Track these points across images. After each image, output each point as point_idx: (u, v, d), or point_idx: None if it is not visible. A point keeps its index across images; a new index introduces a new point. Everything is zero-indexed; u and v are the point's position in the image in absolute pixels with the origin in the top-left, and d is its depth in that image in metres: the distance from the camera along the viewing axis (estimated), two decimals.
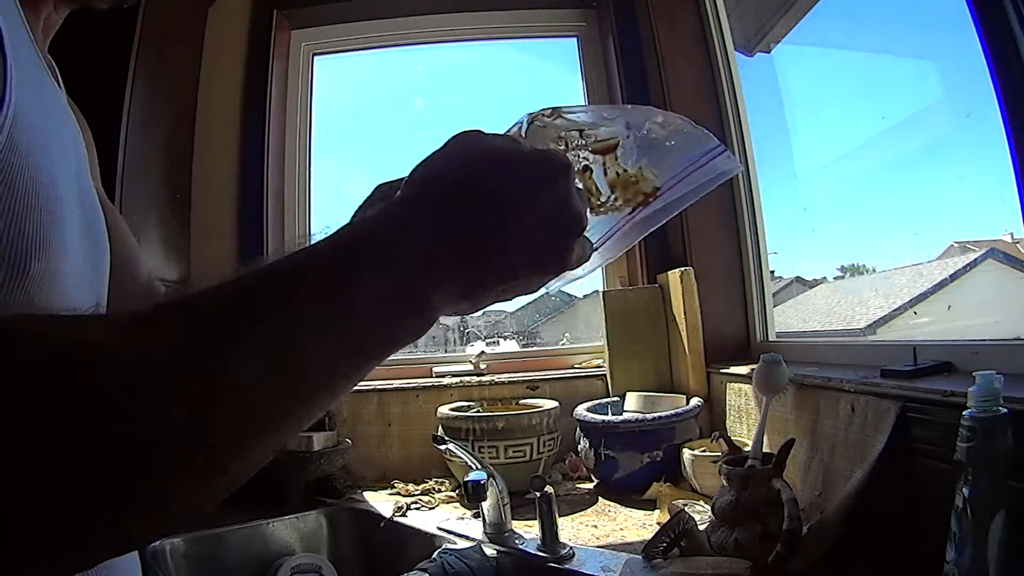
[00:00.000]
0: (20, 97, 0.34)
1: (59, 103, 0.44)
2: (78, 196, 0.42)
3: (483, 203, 0.32)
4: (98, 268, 0.46)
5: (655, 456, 1.12)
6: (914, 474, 0.69)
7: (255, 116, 1.60)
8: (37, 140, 0.36)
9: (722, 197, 1.42)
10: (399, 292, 0.30)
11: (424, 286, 0.31)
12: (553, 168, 0.34)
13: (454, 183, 0.33)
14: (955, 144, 1.01)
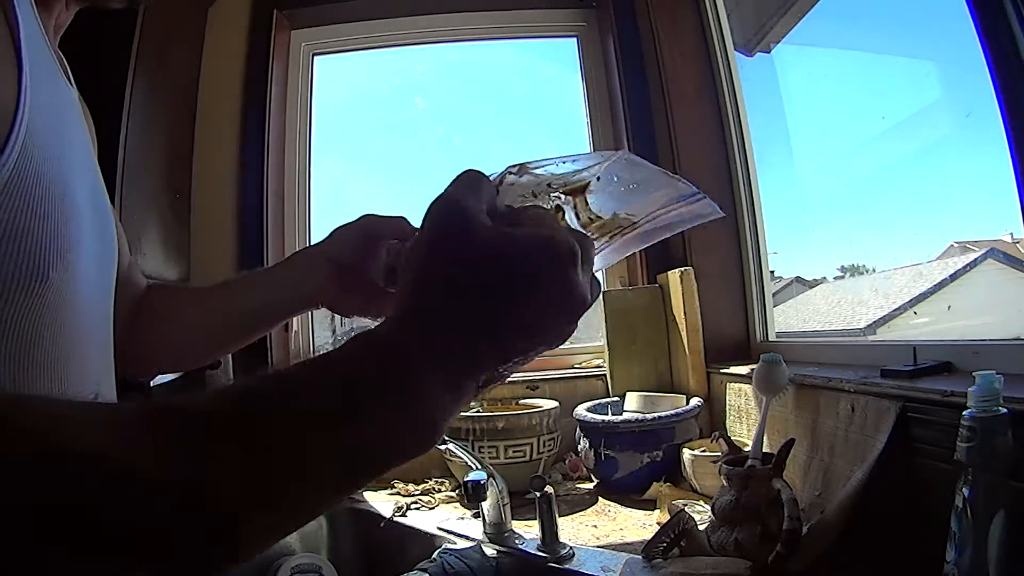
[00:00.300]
0: (35, 102, 0.34)
1: (72, 101, 0.44)
2: (91, 196, 0.43)
3: (486, 310, 0.31)
4: (107, 265, 0.47)
5: (655, 456, 1.12)
6: (914, 474, 0.69)
7: (255, 116, 1.60)
8: (52, 145, 0.36)
9: (722, 197, 1.42)
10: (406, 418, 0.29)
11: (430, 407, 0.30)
12: (556, 260, 0.31)
13: (451, 292, 0.31)
14: (955, 144, 1.01)
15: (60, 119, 0.38)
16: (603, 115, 1.65)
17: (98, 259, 0.44)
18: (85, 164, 0.43)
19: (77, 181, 0.39)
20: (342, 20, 1.70)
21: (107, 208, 0.48)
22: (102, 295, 0.45)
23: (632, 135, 1.52)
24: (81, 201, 0.40)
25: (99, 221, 0.44)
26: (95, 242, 0.43)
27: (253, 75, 1.61)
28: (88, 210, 0.41)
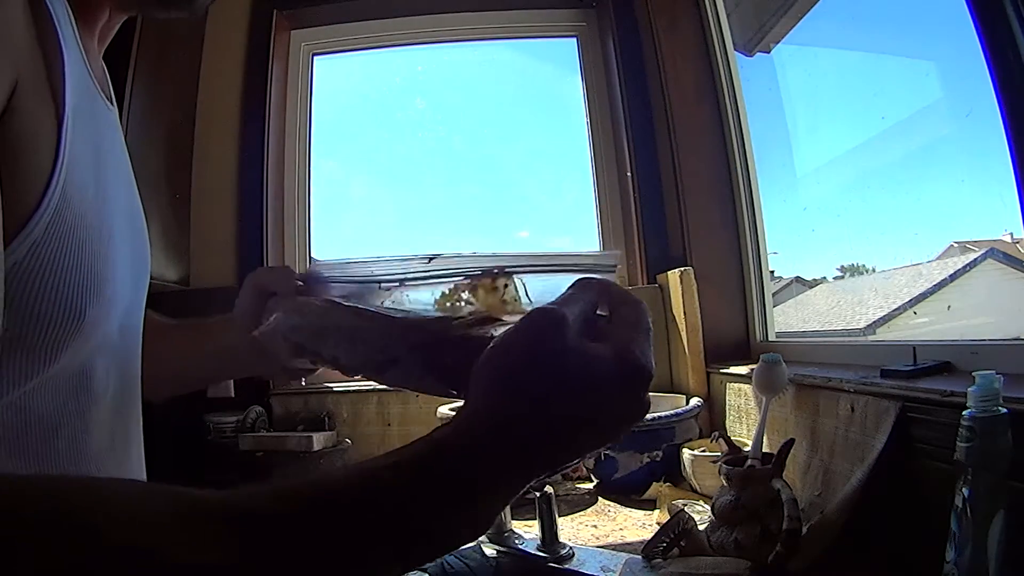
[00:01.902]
0: (74, 144, 0.35)
1: (111, 123, 0.45)
2: (128, 217, 0.44)
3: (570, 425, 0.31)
4: (140, 282, 0.48)
5: (655, 456, 1.12)
6: (914, 474, 0.69)
7: (255, 116, 1.60)
8: (88, 182, 0.37)
9: (722, 197, 1.42)
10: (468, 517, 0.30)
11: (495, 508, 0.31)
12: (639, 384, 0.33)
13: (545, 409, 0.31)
14: (955, 144, 1.01)
15: (98, 150, 0.39)
16: (603, 115, 1.65)
17: (132, 281, 0.45)
18: (124, 187, 0.44)
19: (115, 210, 0.40)
20: (342, 20, 1.71)
21: (142, 221, 0.49)
22: (135, 316, 0.47)
23: (632, 135, 1.52)
24: (118, 231, 0.41)
25: (135, 240, 0.46)
26: (131, 267, 0.44)
27: (253, 75, 1.62)
28: (125, 236, 0.42)
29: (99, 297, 0.37)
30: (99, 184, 0.38)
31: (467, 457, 0.30)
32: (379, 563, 0.28)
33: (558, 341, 0.31)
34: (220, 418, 1.38)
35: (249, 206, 1.57)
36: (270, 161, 1.60)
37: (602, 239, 1.60)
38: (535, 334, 0.32)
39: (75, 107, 0.36)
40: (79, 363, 0.38)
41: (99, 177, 0.39)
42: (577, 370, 0.31)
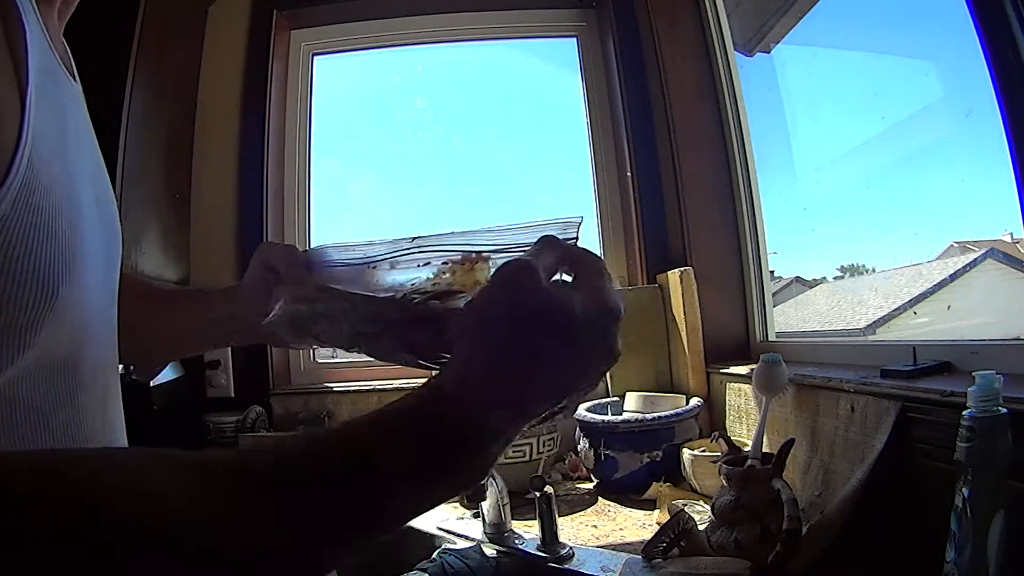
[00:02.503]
0: (38, 119, 0.34)
1: (74, 98, 0.44)
2: (95, 197, 0.43)
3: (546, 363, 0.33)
4: (112, 266, 0.47)
5: (655, 456, 1.12)
6: (914, 474, 0.69)
7: (255, 116, 1.60)
8: (56, 158, 0.36)
9: (722, 197, 1.42)
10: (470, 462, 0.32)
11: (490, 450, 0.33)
12: (608, 320, 0.35)
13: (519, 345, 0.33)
14: (955, 144, 1.00)
15: (62, 127, 0.38)
16: (603, 115, 1.65)
17: (105, 262, 0.44)
18: (90, 165, 0.43)
19: (82, 188, 0.40)
20: (342, 20, 1.71)
21: (111, 203, 0.47)
22: (108, 298, 0.46)
23: (632, 135, 1.52)
24: (87, 208, 0.40)
25: (105, 221, 0.45)
26: (101, 247, 0.43)
27: (253, 75, 1.62)
28: (93, 215, 0.41)
29: (71, 275, 0.36)
30: (65, 160, 0.38)
31: (462, 399, 0.32)
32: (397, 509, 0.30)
33: (533, 284, 0.33)
34: (220, 418, 1.38)
35: (249, 206, 1.57)
36: (270, 161, 1.60)
37: (602, 239, 1.60)
38: (510, 282, 0.34)
39: (38, 80, 0.35)
40: (63, 348, 0.37)
41: (65, 153, 0.38)
42: (553, 310, 0.33)
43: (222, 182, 1.59)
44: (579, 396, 0.36)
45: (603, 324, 0.35)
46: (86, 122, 0.45)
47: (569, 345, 0.33)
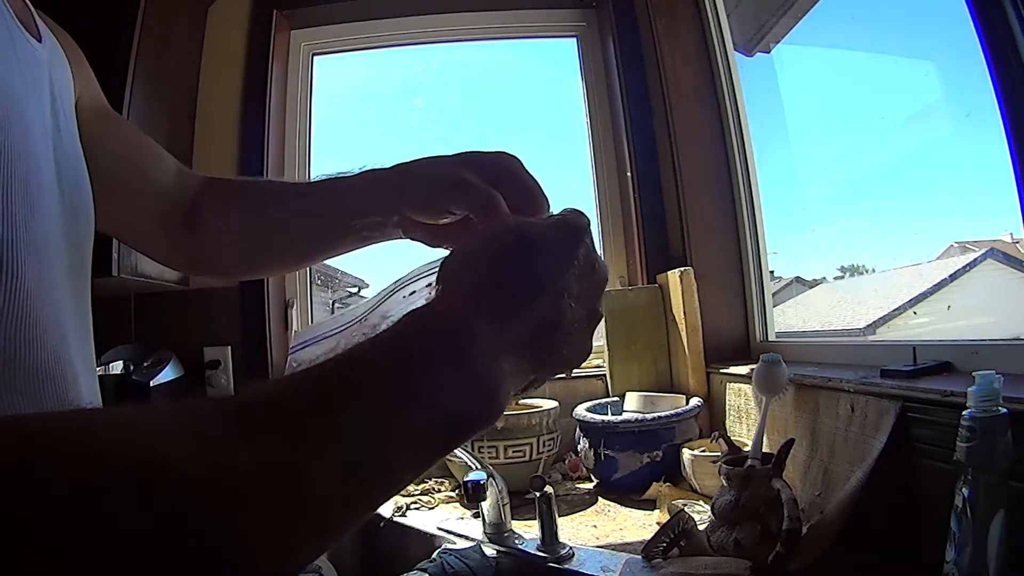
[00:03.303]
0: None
1: (34, 60, 0.40)
2: (54, 167, 0.40)
3: (528, 278, 0.33)
4: (81, 239, 0.43)
5: (655, 456, 1.12)
6: (914, 474, 0.69)
7: (255, 116, 1.60)
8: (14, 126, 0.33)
9: (722, 197, 1.42)
10: (471, 382, 0.30)
11: (494, 372, 0.31)
12: (571, 228, 0.36)
13: (495, 264, 0.34)
14: (955, 144, 1.01)
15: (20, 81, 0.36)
16: (603, 115, 1.65)
17: (67, 237, 0.40)
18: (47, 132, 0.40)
19: (42, 159, 0.37)
20: (342, 20, 1.71)
21: (81, 180, 0.43)
22: (76, 272, 0.42)
23: (632, 135, 1.52)
24: (47, 179, 0.37)
25: (69, 194, 0.41)
26: (63, 222, 0.40)
27: (253, 75, 1.62)
28: (51, 186, 0.38)
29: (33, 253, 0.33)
30: (20, 125, 0.35)
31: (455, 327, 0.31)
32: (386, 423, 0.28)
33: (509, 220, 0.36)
34: None
35: None
36: (270, 161, 1.60)
37: (602, 239, 1.60)
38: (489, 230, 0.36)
39: None
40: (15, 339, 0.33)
41: (18, 116, 0.35)
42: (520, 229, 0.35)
43: None
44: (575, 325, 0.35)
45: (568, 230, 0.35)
46: (52, 86, 0.41)
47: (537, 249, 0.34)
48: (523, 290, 0.33)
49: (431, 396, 0.29)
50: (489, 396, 0.31)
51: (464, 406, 0.30)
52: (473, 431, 0.31)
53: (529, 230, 0.35)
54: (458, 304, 0.32)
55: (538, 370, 0.35)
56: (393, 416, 0.27)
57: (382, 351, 0.29)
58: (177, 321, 1.51)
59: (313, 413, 0.25)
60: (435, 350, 0.30)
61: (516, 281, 0.33)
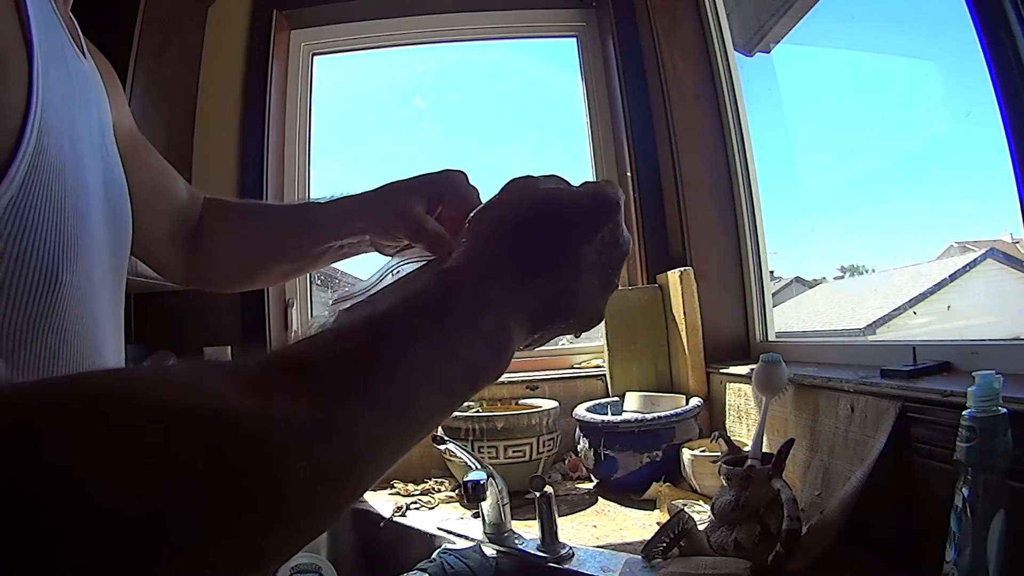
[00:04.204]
0: (47, 93, 0.33)
1: (84, 74, 0.42)
2: (103, 179, 0.41)
3: (546, 245, 0.35)
4: (120, 250, 0.45)
5: (655, 456, 1.12)
6: (914, 474, 0.69)
7: (255, 116, 1.60)
8: (64, 134, 0.34)
9: (722, 197, 1.42)
10: (485, 335, 0.32)
11: (505, 327, 0.33)
12: (602, 205, 0.37)
13: (516, 227, 0.35)
14: (955, 144, 1.01)
15: (70, 98, 0.37)
16: (603, 115, 1.65)
17: (110, 249, 0.42)
18: (99, 146, 0.41)
19: (88, 168, 0.38)
20: (342, 20, 1.71)
21: (121, 189, 0.45)
22: (115, 283, 0.44)
23: (632, 135, 1.52)
24: (94, 190, 0.38)
25: (112, 207, 0.43)
26: (107, 233, 0.41)
27: (253, 75, 1.62)
28: (100, 200, 0.40)
29: (76, 261, 0.34)
30: (74, 140, 0.36)
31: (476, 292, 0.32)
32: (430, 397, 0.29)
33: (529, 183, 0.37)
34: None
35: None
36: (270, 161, 1.60)
37: None
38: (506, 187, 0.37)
39: (43, 46, 0.33)
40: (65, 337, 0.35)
41: (74, 132, 0.36)
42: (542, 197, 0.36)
43: (222, 182, 1.59)
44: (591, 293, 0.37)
45: (598, 207, 0.36)
46: (97, 101, 0.43)
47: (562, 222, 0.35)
48: (541, 257, 0.34)
49: (453, 355, 0.30)
50: (500, 355, 0.33)
51: (481, 364, 0.32)
52: (484, 385, 0.33)
53: (558, 197, 0.36)
54: (480, 266, 0.34)
55: (546, 330, 0.37)
56: (421, 373, 0.29)
57: (410, 313, 0.31)
58: (177, 321, 1.51)
59: (351, 369, 0.27)
60: (458, 313, 0.31)
61: (536, 247, 0.35)
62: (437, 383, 0.30)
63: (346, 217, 0.56)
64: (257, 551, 0.23)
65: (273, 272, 0.63)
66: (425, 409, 0.29)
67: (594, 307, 0.38)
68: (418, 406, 0.29)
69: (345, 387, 0.26)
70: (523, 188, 0.37)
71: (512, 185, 0.38)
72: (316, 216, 0.59)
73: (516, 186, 0.37)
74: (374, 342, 0.28)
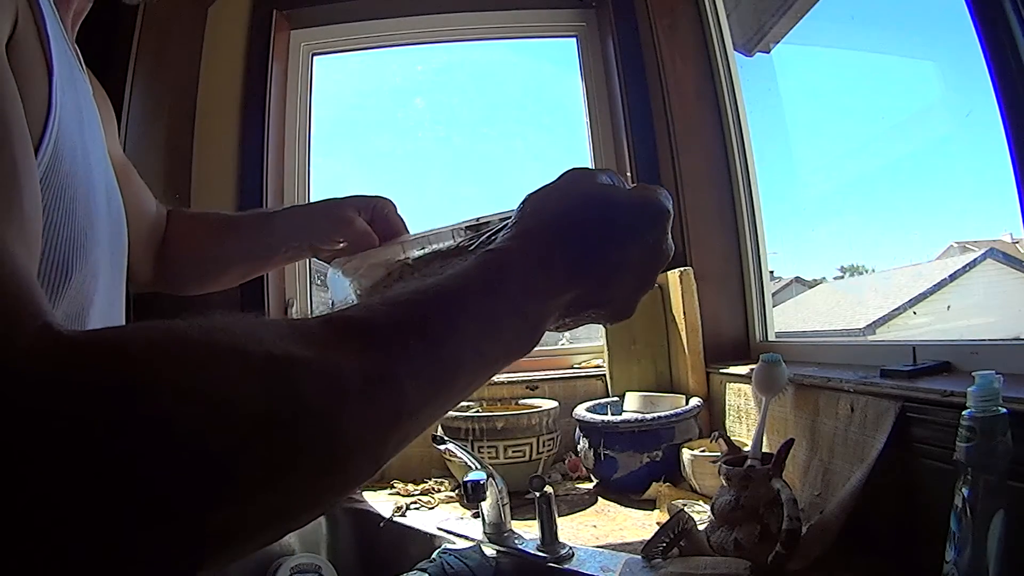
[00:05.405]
0: (62, 104, 0.35)
1: (87, 94, 0.45)
2: (105, 189, 0.44)
3: (593, 240, 0.37)
4: (118, 260, 0.48)
5: (655, 456, 1.12)
6: (914, 474, 0.69)
7: (255, 116, 1.60)
8: (76, 144, 0.37)
9: (722, 197, 1.42)
10: (527, 319, 0.35)
11: (543, 312, 0.36)
12: (653, 212, 0.39)
13: (570, 221, 0.37)
14: (955, 144, 1.01)
15: (80, 117, 0.39)
16: (603, 115, 1.65)
17: (112, 249, 0.45)
18: (100, 156, 0.44)
19: (95, 176, 0.41)
20: (342, 20, 1.70)
21: (117, 195, 0.49)
22: (116, 282, 0.47)
23: (632, 135, 1.52)
24: (99, 196, 0.41)
25: (112, 213, 0.46)
26: (110, 234, 0.44)
27: (253, 75, 1.61)
28: (104, 204, 0.43)
29: (86, 259, 0.37)
30: (84, 149, 0.39)
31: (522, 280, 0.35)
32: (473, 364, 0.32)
33: (585, 177, 0.39)
34: None
35: (249, 206, 1.57)
36: (270, 161, 1.60)
37: None
38: (564, 177, 0.40)
39: (59, 64, 0.36)
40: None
41: (84, 142, 0.39)
42: (597, 193, 0.38)
43: (222, 182, 1.59)
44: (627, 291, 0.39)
45: (654, 217, 0.38)
46: (98, 121, 0.47)
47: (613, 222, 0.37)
48: (589, 253, 0.37)
49: (496, 334, 0.34)
50: (535, 335, 0.36)
51: (517, 343, 0.35)
52: (514, 360, 0.36)
53: (612, 197, 0.38)
54: (530, 253, 0.36)
55: (579, 317, 0.39)
56: (465, 346, 0.32)
57: (461, 291, 0.33)
58: None
59: (403, 335, 0.29)
60: (506, 297, 0.34)
61: (585, 243, 0.37)
62: (477, 357, 0.32)
63: (295, 224, 0.65)
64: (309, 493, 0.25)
65: (229, 273, 0.71)
66: (464, 379, 0.32)
67: (628, 303, 0.40)
68: (458, 376, 0.31)
69: (397, 349, 0.28)
70: (580, 181, 0.39)
71: (570, 176, 0.39)
72: (269, 223, 0.68)
73: (574, 177, 0.39)
74: (426, 314, 0.31)
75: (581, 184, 0.39)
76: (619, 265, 0.37)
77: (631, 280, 0.39)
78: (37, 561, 0.18)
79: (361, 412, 0.26)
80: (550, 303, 0.36)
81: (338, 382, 0.25)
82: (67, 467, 0.19)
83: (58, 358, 0.20)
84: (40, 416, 0.19)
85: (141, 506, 0.20)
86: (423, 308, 0.31)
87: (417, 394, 0.28)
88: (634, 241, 0.38)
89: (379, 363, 0.27)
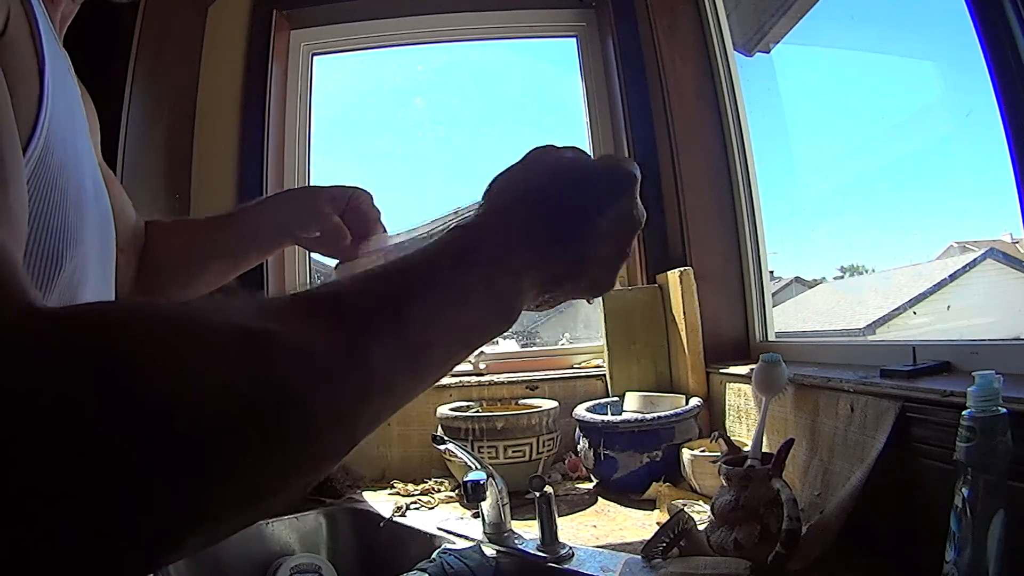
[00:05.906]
0: (53, 99, 0.36)
1: (77, 97, 0.45)
2: (94, 185, 0.45)
3: (562, 212, 0.37)
4: (107, 254, 0.48)
5: (654, 456, 1.12)
6: (913, 474, 0.69)
7: (254, 116, 1.60)
8: (67, 140, 0.37)
9: (722, 197, 1.42)
10: (499, 293, 0.35)
11: (517, 287, 0.35)
12: (620, 178, 0.39)
13: (536, 195, 0.37)
14: (955, 144, 1.01)
15: (69, 113, 0.40)
16: (603, 115, 1.65)
17: (100, 247, 0.45)
18: (89, 155, 0.45)
19: (85, 171, 0.41)
20: (342, 20, 1.70)
21: (104, 193, 0.49)
22: (105, 276, 0.47)
23: (632, 135, 1.52)
24: (88, 191, 0.41)
25: (100, 209, 0.46)
26: (99, 230, 0.45)
27: (253, 75, 1.61)
28: (92, 200, 0.43)
29: (76, 250, 0.37)
30: (75, 146, 0.39)
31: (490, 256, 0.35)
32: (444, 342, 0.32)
33: (551, 151, 0.39)
34: None
35: None
36: (270, 161, 1.60)
37: None
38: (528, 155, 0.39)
39: (51, 60, 0.36)
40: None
41: (73, 137, 0.39)
42: (562, 164, 0.38)
43: (222, 182, 1.59)
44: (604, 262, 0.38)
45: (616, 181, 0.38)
46: (85, 122, 0.47)
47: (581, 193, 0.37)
48: (557, 223, 0.36)
49: (467, 310, 0.33)
50: (510, 313, 0.35)
51: (491, 321, 0.35)
52: (490, 339, 0.36)
53: (577, 166, 0.38)
54: (498, 228, 0.36)
55: (557, 293, 0.39)
56: (436, 323, 0.31)
57: (431, 267, 0.33)
58: None
59: (373, 310, 0.29)
60: (475, 272, 0.34)
61: (553, 214, 0.36)
62: (449, 331, 0.32)
63: (268, 215, 0.67)
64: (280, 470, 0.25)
65: (209, 271, 0.71)
66: (437, 353, 0.32)
67: (606, 275, 0.40)
68: (430, 352, 0.31)
69: (366, 323, 0.28)
70: (543, 155, 0.39)
71: (533, 153, 0.39)
72: (243, 216, 0.69)
73: (537, 154, 0.39)
74: (395, 288, 0.31)
75: (546, 159, 0.39)
76: (591, 235, 0.37)
77: (606, 250, 0.38)
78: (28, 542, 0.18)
79: (331, 386, 0.26)
80: (524, 277, 0.35)
81: (310, 357, 0.25)
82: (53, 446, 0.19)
83: (40, 333, 0.21)
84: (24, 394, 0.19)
85: (130, 484, 0.20)
86: (391, 282, 0.31)
87: (387, 367, 0.28)
88: (604, 210, 0.38)
89: (348, 337, 0.27)
